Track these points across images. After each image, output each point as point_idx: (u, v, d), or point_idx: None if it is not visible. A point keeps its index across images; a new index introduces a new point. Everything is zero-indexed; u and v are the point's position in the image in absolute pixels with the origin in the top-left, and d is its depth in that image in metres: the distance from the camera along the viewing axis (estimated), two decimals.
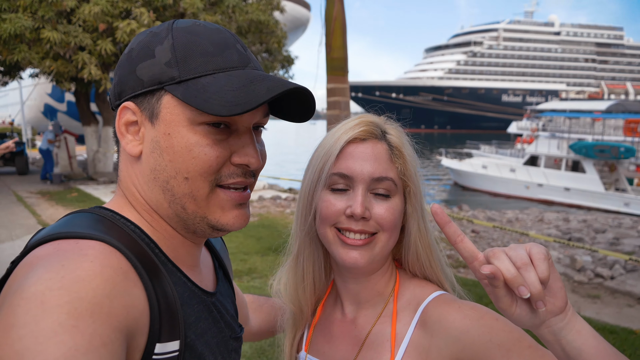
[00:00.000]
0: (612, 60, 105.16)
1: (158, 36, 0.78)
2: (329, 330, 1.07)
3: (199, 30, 0.78)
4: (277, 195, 13.15)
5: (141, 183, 0.79)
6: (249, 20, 12.92)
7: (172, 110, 0.75)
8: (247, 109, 0.69)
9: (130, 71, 0.77)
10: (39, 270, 0.61)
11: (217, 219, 0.78)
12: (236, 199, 0.79)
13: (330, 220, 0.95)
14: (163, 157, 0.75)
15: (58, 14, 10.87)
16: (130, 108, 0.77)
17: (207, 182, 0.76)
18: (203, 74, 0.74)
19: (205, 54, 0.75)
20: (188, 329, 0.76)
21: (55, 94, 26.84)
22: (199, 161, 0.74)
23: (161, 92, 0.75)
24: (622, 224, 11.85)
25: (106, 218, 0.76)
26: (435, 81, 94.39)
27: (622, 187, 20.54)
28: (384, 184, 0.94)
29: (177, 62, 0.74)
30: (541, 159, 22.75)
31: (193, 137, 0.74)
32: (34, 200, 11.34)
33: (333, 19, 5.86)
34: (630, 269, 6.66)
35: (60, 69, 11.30)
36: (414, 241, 1.00)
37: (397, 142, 0.98)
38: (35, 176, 15.91)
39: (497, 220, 11.29)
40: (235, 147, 0.77)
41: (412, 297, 1.00)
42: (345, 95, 6.16)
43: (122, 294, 0.64)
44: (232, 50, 0.78)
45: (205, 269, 0.93)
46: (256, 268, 6.39)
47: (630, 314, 5.31)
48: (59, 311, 0.56)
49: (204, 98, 0.71)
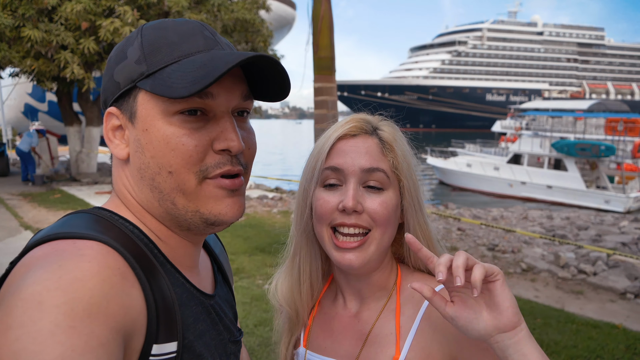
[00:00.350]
0: (594, 60, 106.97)
1: (130, 39, 0.79)
2: (329, 326, 1.06)
3: (166, 25, 0.78)
4: (263, 194, 13.12)
5: (132, 184, 0.79)
6: (235, 19, 12.85)
7: (145, 105, 0.75)
8: (206, 83, 0.68)
9: (109, 77, 0.79)
10: (36, 270, 0.61)
11: (209, 210, 0.77)
12: (228, 185, 0.77)
13: (325, 218, 0.95)
14: (145, 154, 0.75)
15: (39, 12, 10.68)
16: (114, 113, 0.78)
17: (192, 174, 0.74)
18: (168, 63, 0.74)
19: (171, 44, 0.75)
20: (186, 330, 0.75)
21: (36, 94, 26.36)
22: (178, 152, 0.73)
23: (135, 90, 0.76)
24: (604, 221, 12.08)
25: (104, 218, 0.75)
26: (420, 80, 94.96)
27: (602, 184, 20.93)
28: (376, 176, 0.94)
29: (145, 57, 0.75)
30: (524, 158, 23.08)
31: (169, 129, 0.73)
32: (15, 202, 11.13)
33: (320, 18, 5.85)
34: (612, 265, 6.79)
35: (41, 68, 11.10)
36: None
37: (389, 137, 0.99)
38: (16, 177, 15.61)
39: (482, 218, 11.41)
40: (214, 133, 0.75)
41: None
42: (332, 94, 6.16)
43: (120, 294, 0.63)
44: (198, 37, 0.77)
45: (204, 272, 0.93)
46: (244, 268, 6.36)
47: (612, 309, 5.42)
48: (57, 312, 0.56)
49: (167, 85, 0.71)
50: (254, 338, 4.27)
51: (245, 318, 4.69)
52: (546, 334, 4.57)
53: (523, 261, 7.12)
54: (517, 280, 6.44)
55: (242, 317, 4.70)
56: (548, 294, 5.91)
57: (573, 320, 4.91)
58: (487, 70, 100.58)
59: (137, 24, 10.90)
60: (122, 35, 10.54)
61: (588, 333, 4.60)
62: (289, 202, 12.01)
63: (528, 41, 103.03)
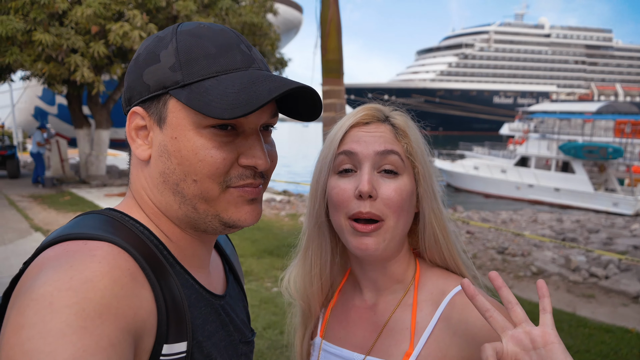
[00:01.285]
0: (602, 62, 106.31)
1: (163, 40, 0.78)
2: (345, 316, 1.06)
3: (203, 33, 0.78)
4: (271, 197, 13.14)
5: (150, 186, 0.80)
6: (242, 22, 12.91)
7: (177, 115, 0.75)
8: (248, 111, 0.69)
9: (137, 76, 0.78)
10: (48, 271, 0.62)
11: (229, 215, 0.78)
12: (248, 194, 0.78)
13: (342, 207, 0.94)
14: (171, 160, 0.76)
15: (50, 16, 10.79)
16: (139, 113, 0.78)
17: (216, 184, 0.75)
18: (206, 77, 0.74)
19: (208, 56, 0.75)
20: (195, 331, 0.76)
21: (46, 97, 26.64)
22: (206, 164, 0.74)
23: (167, 96, 0.76)
24: (615, 224, 11.97)
25: (115, 219, 0.76)
26: (427, 83, 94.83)
27: (611, 187, 20.76)
28: (390, 159, 0.94)
29: (181, 65, 0.75)
30: (531, 160, 22.96)
31: (199, 141, 0.74)
32: (26, 204, 11.23)
33: (328, 20, 5.86)
34: (624, 269, 6.73)
35: (52, 71, 11.21)
36: (429, 223, 0.99)
37: (402, 123, 0.99)
38: (27, 180, 15.75)
39: (491, 221, 11.35)
40: (242, 148, 0.77)
41: (434, 287, 0.99)
42: (340, 97, 6.17)
43: (130, 295, 0.64)
44: (235, 52, 0.77)
45: (215, 272, 0.93)
46: (252, 271, 6.37)
47: (625, 313, 5.36)
48: (68, 312, 0.56)
49: (206, 101, 0.71)
50: (263, 341, 4.27)
51: (254, 320, 4.69)
52: None
53: (533, 264, 7.07)
54: (527, 283, 6.39)
55: (251, 320, 4.71)
56: (559, 297, 5.86)
57: (585, 325, 4.87)
58: (495, 72, 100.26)
59: (147, 28, 10.99)
60: (131, 39, 10.64)
61: (601, 337, 4.55)
62: (297, 206, 12.02)
63: (535, 43, 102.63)
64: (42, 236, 8.02)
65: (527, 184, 22.34)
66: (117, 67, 12.34)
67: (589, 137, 23.10)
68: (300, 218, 10.07)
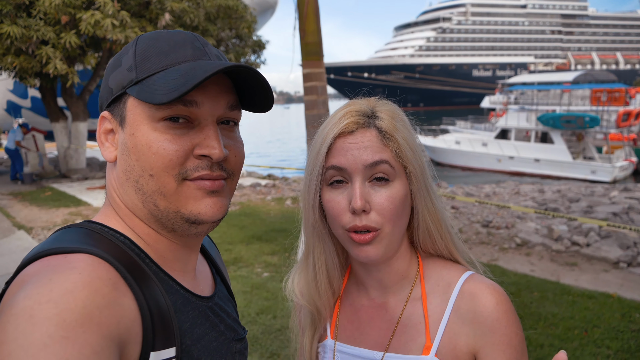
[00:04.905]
0: (578, 32, 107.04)
1: (126, 48, 0.83)
2: (356, 316, 1.07)
3: (160, 35, 0.82)
4: (256, 182, 13.10)
5: (118, 186, 0.82)
6: (217, 5, 12.64)
7: (134, 111, 0.78)
8: (182, 92, 0.70)
9: (105, 84, 0.83)
10: (27, 286, 0.62)
11: (189, 209, 0.78)
12: (207, 186, 0.78)
13: (338, 220, 0.95)
14: (130, 157, 0.78)
15: (16, 7, 10.40)
16: (106, 117, 0.82)
17: (171, 177, 0.76)
18: (156, 71, 0.77)
19: (160, 53, 0.78)
20: (183, 336, 0.77)
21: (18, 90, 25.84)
22: (159, 156, 0.75)
23: (125, 96, 0.79)
24: (595, 192, 12.26)
25: (94, 231, 0.77)
26: (406, 59, 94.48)
27: (589, 155, 21.21)
28: (380, 168, 0.93)
29: (136, 65, 0.78)
30: (511, 132, 23.26)
31: (153, 134, 0.76)
32: (6, 202, 11.01)
33: (305, 2, 5.78)
34: (604, 236, 6.92)
35: (23, 64, 10.86)
36: (422, 218, 1.00)
37: (388, 126, 0.96)
38: (5, 177, 15.42)
39: (475, 195, 11.52)
40: (197, 139, 0.77)
41: (439, 279, 1.01)
42: (322, 79, 6.12)
43: (112, 304, 0.64)
44: (187, 47, 0.80)
45: (201, 275, 0.94)
46: (242, 257, 6.38)
47: (606, 279, 5.54)
48: (48, 323, 0.57)
49: (151, 91, 0.74)
50: (257, 326, 4.32)
51: (247, 307, 4.73)
52: (543, 306, 4.67)
53: (517, 236, 7.22)
54: (512, 255, 6.55)
55: (243, 306, 4.74)
56: (543, 267, 6.03)
57: (569, 292, 5.03)
58: (473, 46, 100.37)
59: (119, 16, 10.69)
60: (103, 27, 10.33)
61: (584, 304, 4.71)
62: (282, 189, 12.01)
63: (512, 15, 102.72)
64: (26, 234, 7.90)
65: (508, 156, 22.68)
66: (90, 57, 12.01)
67: (567, 107, 23.45)
68: (287, 202, 10.08)
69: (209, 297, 0.88)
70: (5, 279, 0.68)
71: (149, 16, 11.94)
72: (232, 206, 9.89)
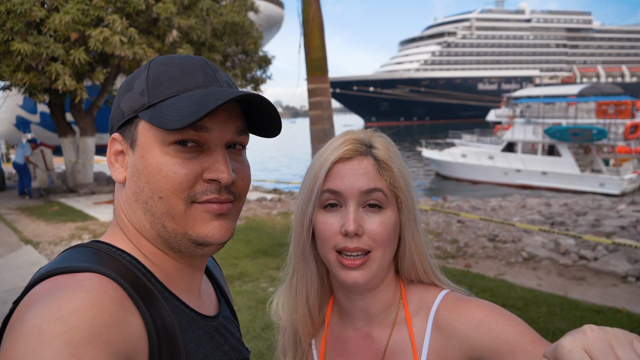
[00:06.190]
0: (583, 45, 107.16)
1: (138, 72, 0.85)
2: (344, 348, 1.08)
3: (172, 60, 0.84)
4: (262, 196, 13.12)
5: (126, 207, 0.83)
6: (224, 22, 12.82)
7: (145, 134, 0.80)
8: (195, 119, 0.72)
9: (116, 106, 0.85)
10: (37, 305, 0.63)
11: (197, 232, 0.80)
12: (215, 209, 0.80)
13: (330, 243, 0.97)
14: (140, 179, 0.79)
15: (27, 25, 10.62)
16: (117, 139, 0.84)
17: (180, 200, 0.78)
18: (168, 97, 0.79)
19: (172, 79, 0.80)
20: (189, 355, 0.78)
21: (27, 106, 26.22)
22: (169, 180, 0.77)
23: (137, 119, 0.81)
24: (602, 205, 12.15)
25: (102, 251, 0.79)
26: (411, 73, 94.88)
27: (597, 168, 21.06)
28: (374, 196, 0.97)
29: (149, 89, 0.80)
30: (518, 145, 23.19)
31: (163, 157, 0.78)
32: (14, 217, 11.09)
33: (310, 19, 5.86)
34: (612, 250, 6.85)
35: (33, 81, 11.06)
36: (409, 249, 1.03)
37: (384, 155, 1.00)
38: (13, 192, 15.56)
39: (481, 209, 11.45)
40: (206, 164, 0.79)
41: (420, 301, 1.03)
42: (326, 95, 6.17)
43: (119, 322, 0.65)
44: (198, 73, 0.82)
45: (206, 295, 0.96)
46: (247, 272, 6.37)
47: (615, 293, 5.47)
48: (57, 341, 0.58)
49: (163, 116, 0.76)
50: (262, 342, 4.29)
51: (252, 322, 4.71)
52: (551, 322, 4.61)
53: (524, 250, 7.17)
54: (519, 269, 6.49)
55: (248, 321, 4.72)
56: (550, 281, 5.96)
57: (577, 307, 4.96)
58: (478, 59, 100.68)
59: (127, 32, 10.87)
60: (112, 44, 10.51)
61: (592, 319, 4.65)
62: (288, 203, 12.02)
63: (517, 29, 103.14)
64: (33, 249, 7.94)
65: (515, 169, 22.58)
66: (99, 73, 12.19)
67: (573, 120, 23.37)
68: (292, 216, 10.05)
69: (214, 316, 0.90)
70: (13, 293, 0.70)
71: (157, 33, 12.13)
72: (238, 220, 9.90)
